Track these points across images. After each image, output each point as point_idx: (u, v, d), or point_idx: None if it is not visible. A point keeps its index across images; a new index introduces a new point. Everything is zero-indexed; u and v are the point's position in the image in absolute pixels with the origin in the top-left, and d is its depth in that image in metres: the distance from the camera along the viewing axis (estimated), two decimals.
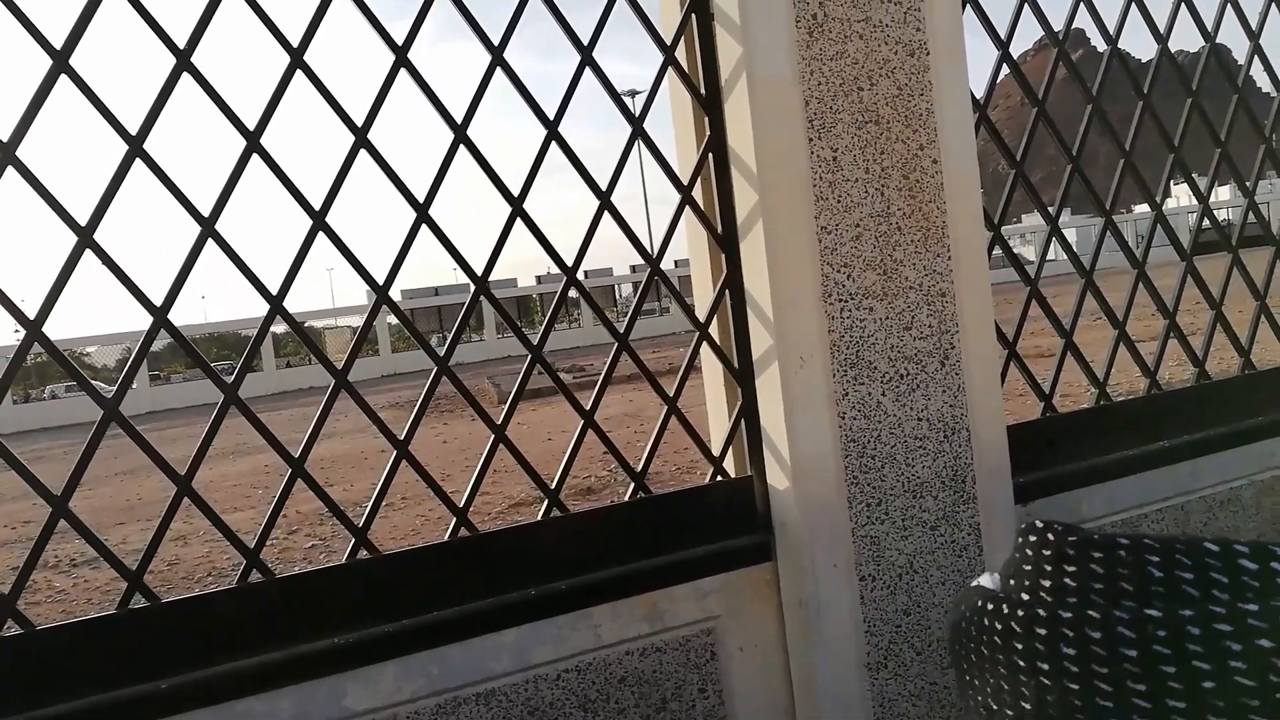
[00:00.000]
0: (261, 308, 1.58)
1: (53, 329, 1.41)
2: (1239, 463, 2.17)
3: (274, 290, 1.55)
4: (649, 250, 1.81)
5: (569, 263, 1.73)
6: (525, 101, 1.67)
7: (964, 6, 1.88)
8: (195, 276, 1.52)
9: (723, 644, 1.72)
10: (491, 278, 1.74)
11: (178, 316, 1.51)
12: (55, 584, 7.95)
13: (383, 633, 1.53)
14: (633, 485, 1.76)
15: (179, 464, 1.50)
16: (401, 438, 1.62)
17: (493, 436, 1.68)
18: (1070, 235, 2.31)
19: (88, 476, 1.46)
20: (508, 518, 7.55)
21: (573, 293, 1.74)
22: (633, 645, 1.67)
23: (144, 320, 1.47)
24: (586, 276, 34.76)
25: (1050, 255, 2.12)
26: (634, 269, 40.96)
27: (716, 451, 1.82)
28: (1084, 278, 2.09)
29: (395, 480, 1.64)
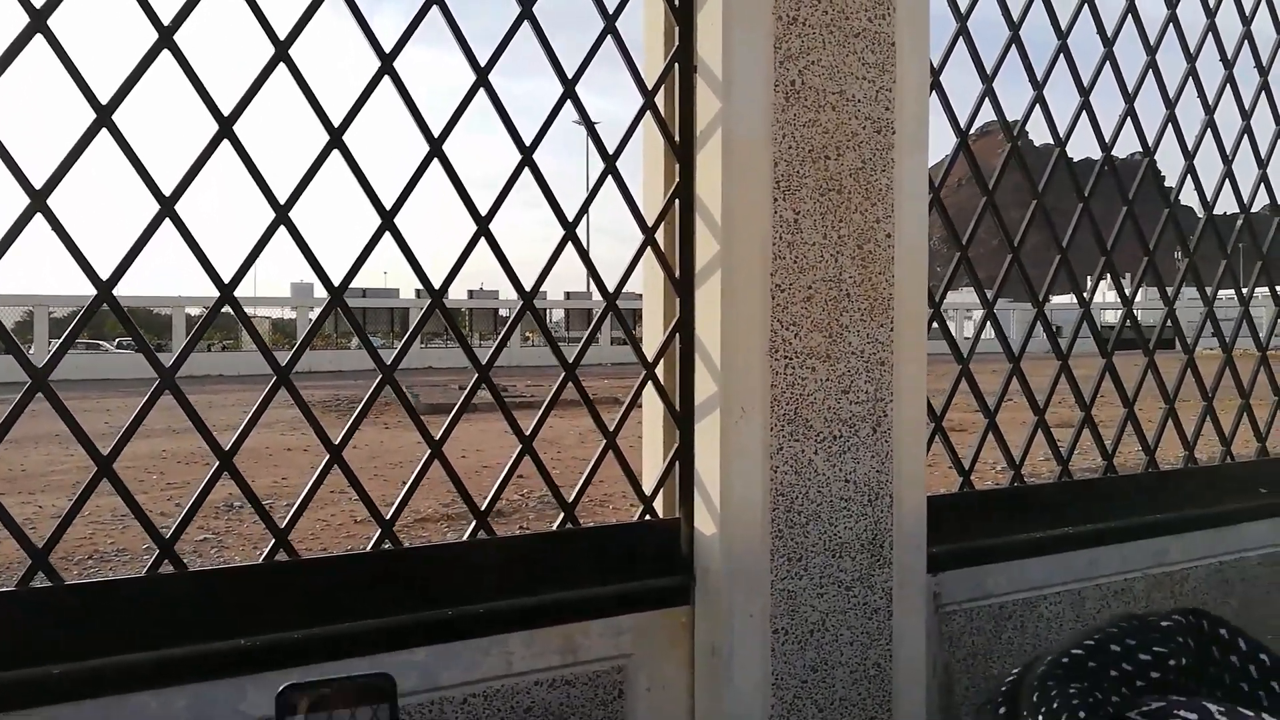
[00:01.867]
0: (179, 287, 1.53)
1: None
2: (1136, 555, 2.28)
3: (225, 278, 1.52)
4: (605, 286, 1.83)
5: (526, 286, 1.74)
6: (505, 125, 1.68)
7: (930, 91, 1.97)
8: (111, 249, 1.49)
9: (632, 683, 1.73)
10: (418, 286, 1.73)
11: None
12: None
13: (290, 639, 1.49)
14: (562, 515, 1.77)
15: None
16: (336, 442, 1.60)
17: (429, 451, 1.67)
18: (1005, 309, 2.44)
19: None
20: (412, 532, 7.42)
21: (503, 311, 1.75)
22: (543, 676, 1.66)
23: (44, 285, 1.43)
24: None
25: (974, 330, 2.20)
26: (568, 295, 41.04)
27: (648, 490, 1.83)
28: (1012, 363, 2.18)
29: (289, 484, 1.61)
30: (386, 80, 1.61)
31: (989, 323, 2.16)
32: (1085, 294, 2.33)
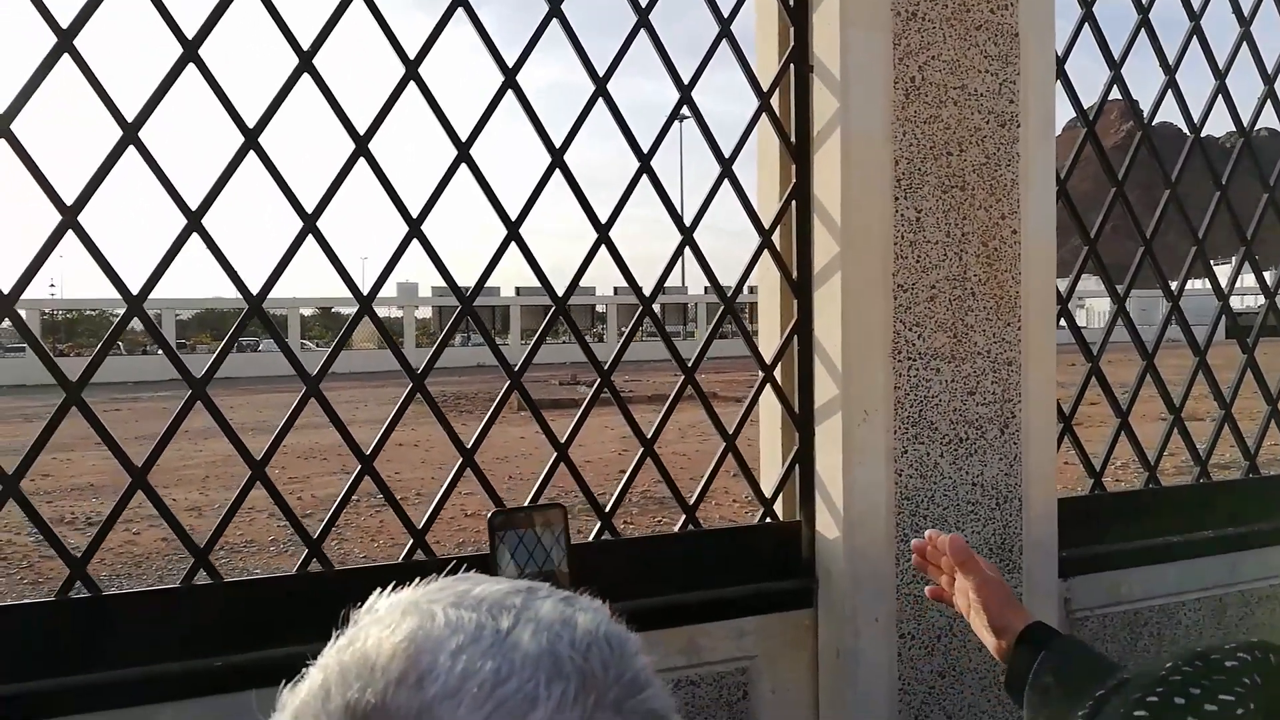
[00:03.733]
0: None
1: None
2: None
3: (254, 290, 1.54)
4: (722, 289, 1.84)
5: (645, 291, 1.77)
6: (624, 135, 1.71)
7: (1055, 80, 1.91)
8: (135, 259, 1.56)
9: (756, 685, 1.74)
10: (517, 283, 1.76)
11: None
12: (70, 540, 8.02)
13: None
14: (684, 518, 1.78)
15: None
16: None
17: (555, 454, 1.71)
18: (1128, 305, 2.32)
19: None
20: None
21: (599, 307, 1.77)
22: (668, 676, 1.67)
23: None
24: (615, 293, 34.89)
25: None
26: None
27: (768, 492, 1.84)
28: (1145, 360, 2.10)
29: (412, 477, 1.67)
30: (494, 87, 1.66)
31: (1119, 317, 2.08)
32: (1220, 282, 2.22)
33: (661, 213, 1.82)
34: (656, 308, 1.87)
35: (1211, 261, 2.22)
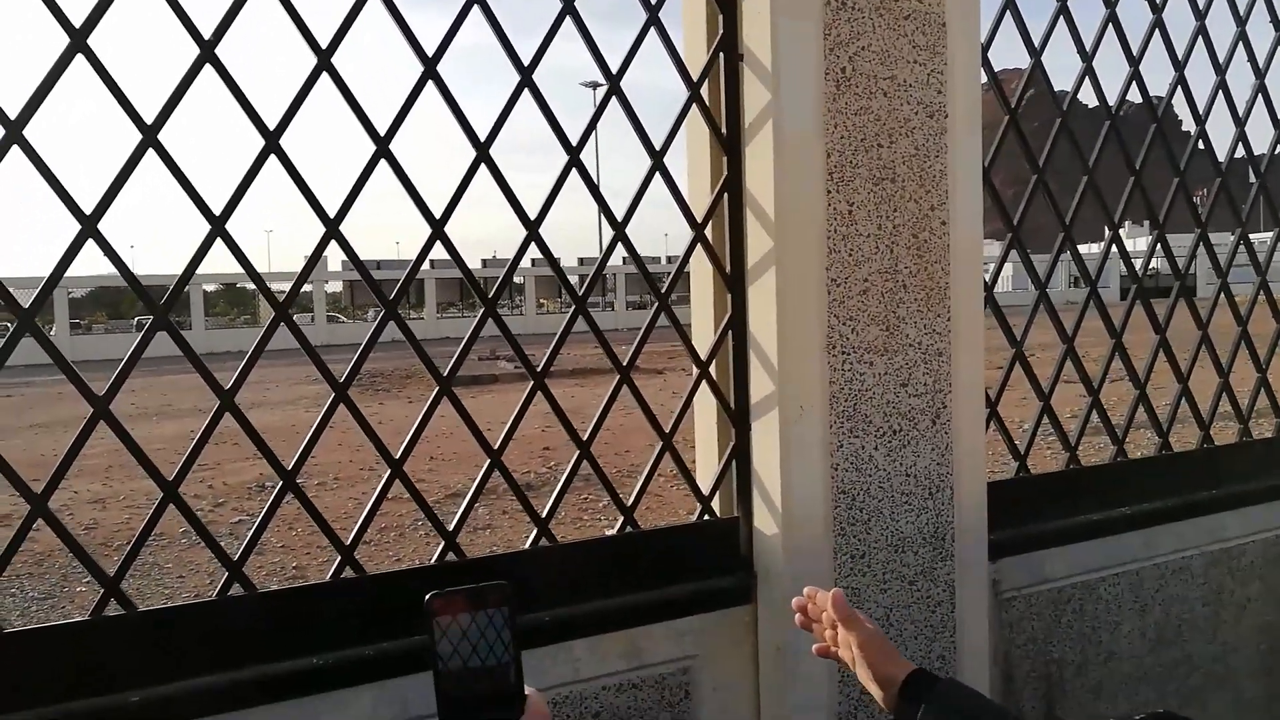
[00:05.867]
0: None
1: None
2: (1193, 533, 2.26)
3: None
4: (658, 287, 1.80)
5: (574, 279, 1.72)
6: (553, 130, 1.65)
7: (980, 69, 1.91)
8: (126, 227, 1.47)
9: (697, 684, 1.73)
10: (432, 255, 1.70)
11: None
12: None
13: (364, 655, 1.49)
14: (621, 519, 1.75)
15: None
16: (396, 456, 1.58)
17: (488, 462, 1.65)
18: (1037, 260, 2.36)
19: None
20: (444, 507, 7.47)
21: (517, 279, 1.72)
22: (610, 680, 1.66)
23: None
24: (534, 265, 34.52)
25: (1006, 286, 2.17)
26: (581, 261, 40.94)
27: (705, 489, 1.82)
28: (1065, 344, 2.14)
29: (329, 460, 1.60)
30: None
31: (1040, 303, 2.12)
32: (1109, 244, 2.29)
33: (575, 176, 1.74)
34: (576, 279, 1.82)
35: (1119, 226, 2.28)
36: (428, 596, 0.83)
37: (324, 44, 1.50)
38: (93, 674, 1.35)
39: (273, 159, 1.48)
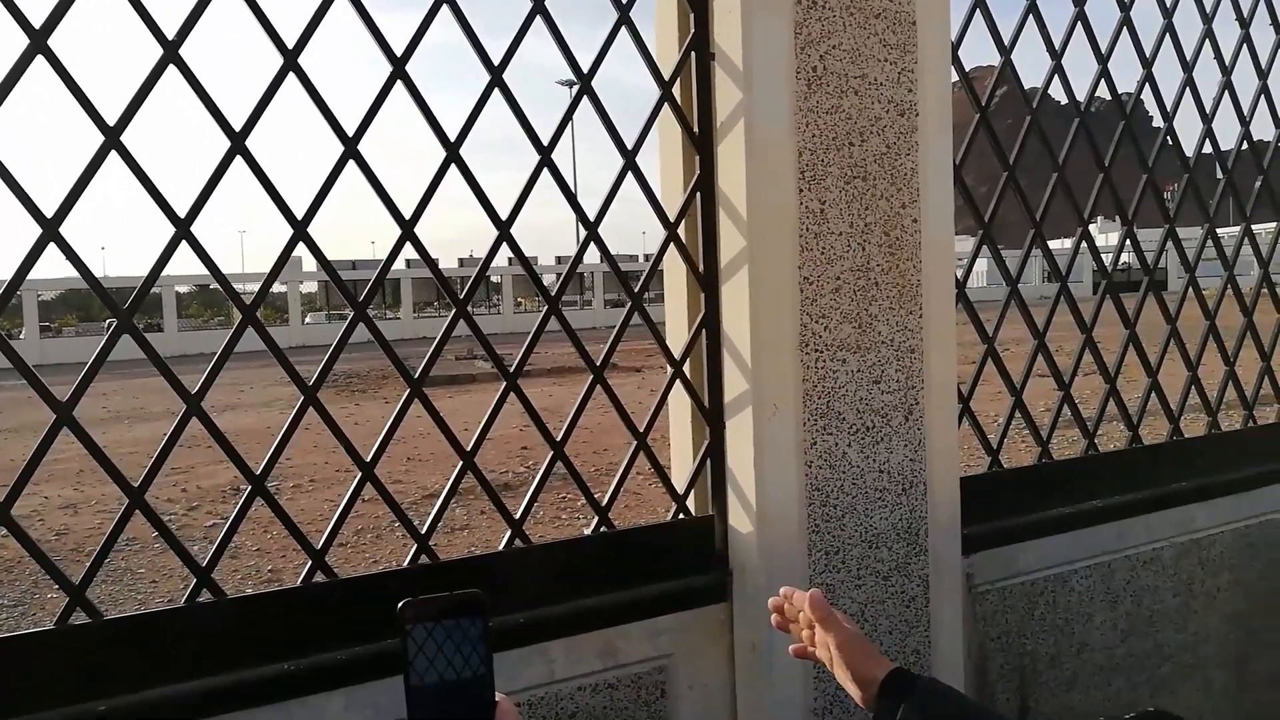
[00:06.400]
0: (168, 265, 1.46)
1: None
2: (1163, 525, 2.28)
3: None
4: (631, 287, 1.80)
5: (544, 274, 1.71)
6: (524, 129, 1.64)
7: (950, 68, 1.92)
8: (97, 227, 1.45)
9: (673, 682, 1.73)
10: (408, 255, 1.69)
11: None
12: None
13: (335, 660, 1.48)
14: (596, 519, 1.75)
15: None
16: (367, 460, 1.57)
17: (460, 463, 1.65)
18: (1006, 255, 2.36)
19: None
20: (421, 508, 7.43)
21: (494, 278, 1.72)
22: (586, 681, 1.66)
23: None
24: (510, 264, 34.23)
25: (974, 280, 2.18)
26: (559, 259, 40.92)
27: (680, 488, 1.82)
28: (1037, 339, 2.16)
29: (305, 462, 1.59)
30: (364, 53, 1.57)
31: (1012, 300, 2.13)
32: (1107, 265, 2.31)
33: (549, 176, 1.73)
34: (552, 277, 1.82)
35: (1091, 222, 2.30)
36: (400, 605, 0.83)
37: (290, 44, 1.49)
38: (60, 683, 1.33)
39: (239, 160, 1.47)
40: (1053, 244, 2.25)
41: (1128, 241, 2.38)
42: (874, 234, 1.77)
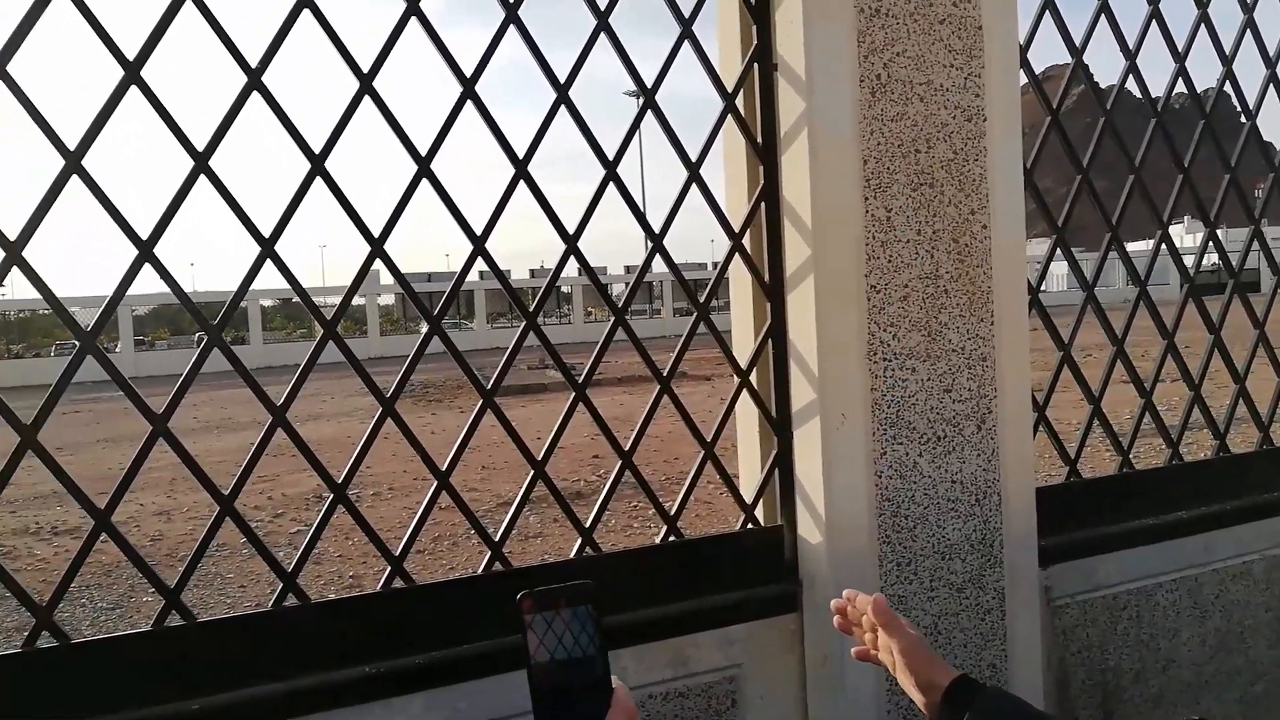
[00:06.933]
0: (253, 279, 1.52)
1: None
2: (1253, 537, 2.20)
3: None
4: (696, 297, 1.81)
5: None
6: (591, 147, 1.67)
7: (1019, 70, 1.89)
8: (185, 245, 1.52)
9: (744, 692, 1.73)
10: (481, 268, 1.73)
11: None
12: (36, 551, 7.89)
13: (413, 664, 1.53)
14: (665, 528, 1.77)
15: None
16: (443, 469, 1.62)
17: (532, 472, 1.68)
18: (1083, 258, 2.30)
19: (69, 441, 1.47)
20: (495, 516, 7.55)
21: (565, 288, 1.74)
22: (656, 689, 1.67)
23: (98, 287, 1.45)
24: (580, 274, 34.68)
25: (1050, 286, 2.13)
26: (628, 269, 41.16)
27: (748, 498, 1.82)
28: (1115, 345, 2.11)
29: (384, 470, 1.64)
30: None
31: (1089, 305, 2.08)
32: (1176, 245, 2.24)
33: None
34: (621, 288, 1.84)
35: (1171, 223, 2.23)
36: (519, 595, 0.88)
37: (365, 68, 1.54)
38: (157, 682, 1.40)
39: (319, 181, 1.53)
40: (1137, 246, 2.20)
41: (1211, 243, 2.30)
42: (942, 241, 1.76)
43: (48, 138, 1.37)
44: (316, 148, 1.52)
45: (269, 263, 1.52)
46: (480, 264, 1.66)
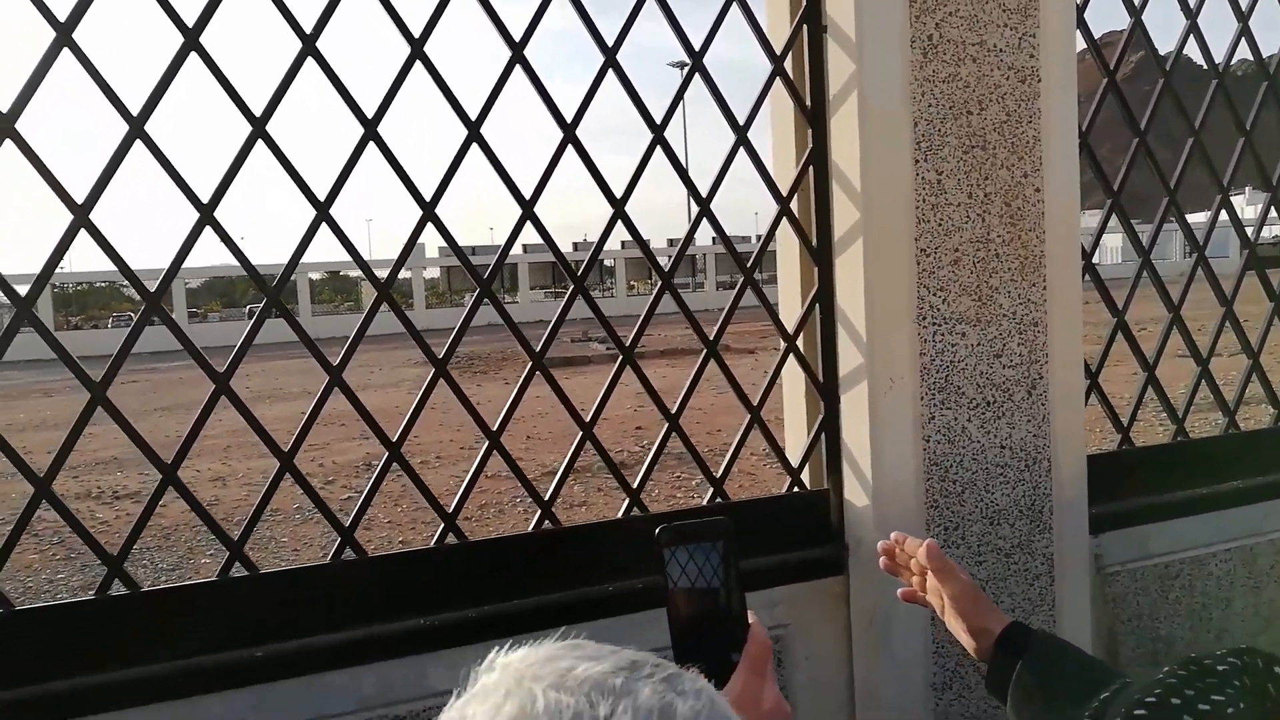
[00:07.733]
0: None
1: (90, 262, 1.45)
2: None
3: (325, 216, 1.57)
4: (742, 260, 1.82)
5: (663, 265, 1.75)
6: (637, 109, 1.67)
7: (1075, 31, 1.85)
8: (233, 219, 1.55)
9: (790, 653, 1.75)
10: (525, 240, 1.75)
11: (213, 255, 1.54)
12: (99, 515, 8.16)
13: (466, 617, 1.57)
14: (711, 490, 1.78)
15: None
16: (494, 428, 1.65)
17: (580, 432, 1.70)
18: (1141, 229, 2.23)
19: (127, 408, 1.50)
20: (541, 484, 7.64)
21: (607, 261, 1.75)
22: None
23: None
24: (623, 247, 34.83)
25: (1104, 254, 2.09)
26: (670, 242, 41.11)
27: (795, 462, 1.83)
28: (1171, 313, 2.07)
29: (431, 439, 1.67)
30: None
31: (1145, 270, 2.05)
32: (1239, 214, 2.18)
33: (662, 156, 1.77)
34: (664, 259, 1.85)
35: (1238, 192, 2.18)
36: (658, 529, 0.91)
37: (416, 33, 1.56)
38: (221, 629, 1.46)
39: (371, 146, 1.56)
40: (1197, 218, 2.15)
41: (1275, 209, 2.24)
42: (994, 204, 1.74)
43: (112, 103, 1.41)
44: (370, 113, 1.54)
45: (319, 232, 1.56)
46: (524, 237, 1.68)
